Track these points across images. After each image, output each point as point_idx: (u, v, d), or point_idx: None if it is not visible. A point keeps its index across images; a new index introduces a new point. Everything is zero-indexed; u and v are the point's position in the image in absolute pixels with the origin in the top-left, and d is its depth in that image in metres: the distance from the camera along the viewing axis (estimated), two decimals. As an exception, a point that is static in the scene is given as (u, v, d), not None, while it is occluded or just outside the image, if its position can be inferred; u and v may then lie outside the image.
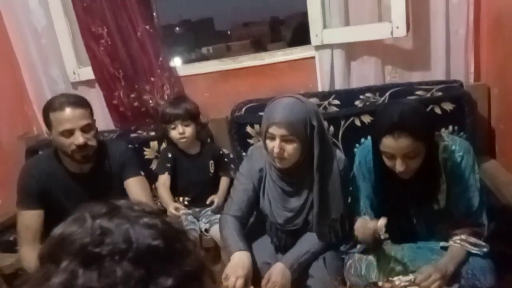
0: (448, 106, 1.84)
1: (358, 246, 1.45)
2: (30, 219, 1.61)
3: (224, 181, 1.95)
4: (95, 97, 2.24)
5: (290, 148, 1.36)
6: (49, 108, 1.54)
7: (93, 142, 1.57)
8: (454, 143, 1.38)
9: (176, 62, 2.31)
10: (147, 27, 2.09)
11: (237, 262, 1.34)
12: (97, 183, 1.62)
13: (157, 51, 2.14)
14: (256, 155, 1.54)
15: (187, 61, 2.56)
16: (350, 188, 1.50)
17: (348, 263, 1.43)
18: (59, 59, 2.29)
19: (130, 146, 1.91)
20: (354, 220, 1.44)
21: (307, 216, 1.49)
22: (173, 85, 2.15)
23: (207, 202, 1.88)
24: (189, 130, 1.86)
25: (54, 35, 2.26)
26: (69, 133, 1.52)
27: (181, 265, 0.54)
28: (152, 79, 2.14)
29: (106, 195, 0.66)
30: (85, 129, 1.54)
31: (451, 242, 1.35)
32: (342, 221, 1.48)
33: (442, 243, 1.38)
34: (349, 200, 1.50)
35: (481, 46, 1.99)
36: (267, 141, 1.39)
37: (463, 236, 1.33)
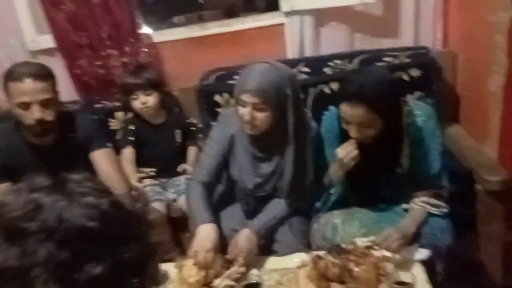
0: (415, 73, 1.85)
1: (332, 190, 1.45)
2: None
3: (192, 151, 1.92)
4: (57, 66, 2.13)
5: (261, 116, 1.35)
6: (8, 76, 1.46)
7: (51, 117, 1.50)
8: (417, 108, 1.40)
9: (145, 30, 2.22)
10: None
11: (204, 236, 1.33)
12: (61, 156, 1.55)
13: (133, 14, 2.07)
14: (228, 120, 1.52)
15: (156, 30, 2.47)
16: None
17: (314, 227, 1.45)
18: (16, 27, 2.16)
19: (95, 117, 1.85)
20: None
21: (276, 182, 1.49)
22: (149, 48, 2.10)
23: (179, 170, 1.86)
24: (151, 100, 1.81)
25: (10, 1, 2.12)
26: (26, 106, 1.45)
27: (117, 251, 0.50)
28: (131, 40, 2.07)
29: (71, 168, 0.62)
30: (44, 104, 1.47)
31: (412, 204, 1.39)
32: (312, 188, 1.50)
33: (404, 205, 1.42)
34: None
35: (450, 13, 1.99)
36: (239, 108, 1.37)
37: (424, 198, 1.37)
